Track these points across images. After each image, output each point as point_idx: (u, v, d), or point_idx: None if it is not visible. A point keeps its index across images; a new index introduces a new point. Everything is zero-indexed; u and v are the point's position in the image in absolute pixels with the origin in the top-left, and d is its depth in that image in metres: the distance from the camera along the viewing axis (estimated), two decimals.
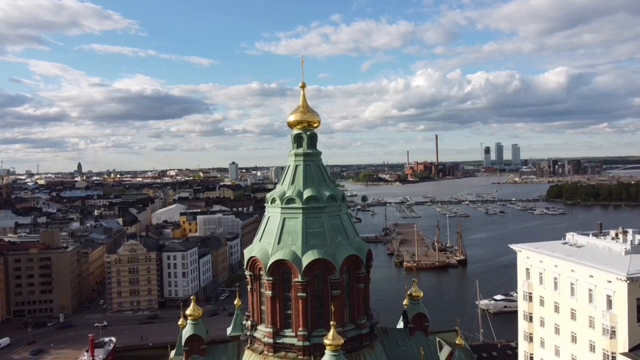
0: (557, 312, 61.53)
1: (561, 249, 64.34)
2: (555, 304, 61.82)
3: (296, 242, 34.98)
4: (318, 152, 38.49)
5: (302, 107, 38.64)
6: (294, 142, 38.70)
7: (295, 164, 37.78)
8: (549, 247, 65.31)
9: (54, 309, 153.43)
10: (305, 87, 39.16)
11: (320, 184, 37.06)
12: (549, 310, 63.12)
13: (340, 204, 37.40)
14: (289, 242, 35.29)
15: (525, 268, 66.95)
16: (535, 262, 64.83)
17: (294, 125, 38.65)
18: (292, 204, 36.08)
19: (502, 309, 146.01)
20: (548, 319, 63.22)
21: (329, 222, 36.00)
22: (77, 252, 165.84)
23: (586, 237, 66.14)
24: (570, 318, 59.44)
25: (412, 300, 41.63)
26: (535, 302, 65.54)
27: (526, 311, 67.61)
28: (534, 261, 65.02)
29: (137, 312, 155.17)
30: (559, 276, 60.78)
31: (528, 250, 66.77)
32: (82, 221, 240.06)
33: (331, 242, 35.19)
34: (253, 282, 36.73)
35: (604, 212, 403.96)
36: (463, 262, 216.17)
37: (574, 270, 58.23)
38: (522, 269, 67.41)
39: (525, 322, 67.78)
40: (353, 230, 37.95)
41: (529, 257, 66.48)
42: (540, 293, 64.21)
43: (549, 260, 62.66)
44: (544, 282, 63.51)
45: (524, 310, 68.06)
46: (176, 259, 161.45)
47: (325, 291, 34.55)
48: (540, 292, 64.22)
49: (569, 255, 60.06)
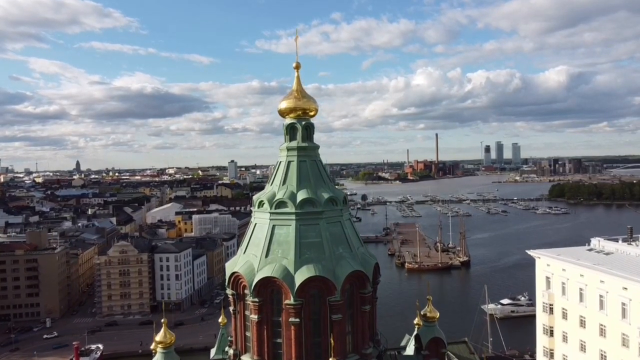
0: (583, 327, 55.27)
1: (587, 256, 58.00)
2: (581, 318, 55.54)
3: (288, 255, 28.60)
4: (315, 146, 32.04)
5: (296, 91, 32.17)
6: (286, 134, 32.19)
7: (288, 160, 31.32)
8: (572, 254, 58.99)
9: (40, 313, 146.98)
10: (299, 68, 32.69)
11: (317, 184, 30.63)
12: (573, 324, 56.84)
13: (342, 207, 30.99)
14: (280, 255, 28.90)
15: (545, 277, 60.60)
16: (556, 271, 58.49)
17: (286, 113, 32.19)
18: (283, 208, 29.65)
19: (509, 314, 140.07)
20: (572, 334, 56.95)
21: (327, 230, 29.55)
22: (66, 253, 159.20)
23: (615, 243, 59.93)
24: (599, 334, 53.20)
25: (426, 322, 35.05)
26: (556, 315, 59.23)
27: (546, 324, 61.24)
28: (556, 269, 58.66)
29: (128, 316, 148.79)
30: (585, 287, 54.47)
31: (548, 257, 60.36)
32: (74, 220, 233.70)
33: (331, 255, 28.80)
34: (236, 303, 30.32)
35: (607, 211, 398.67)
36: (466, 264, 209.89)
37: (603, 281, 51.93)
38: (542, 277, 61.07)
39: (544, 337, 61.42)
40: (357, 239, 31.48)
41: (549, 265, 60.11)
42: (562, 305, 57.91)
43: (573, 269, 56.34)
44: (567, 293, 57.24)
45: (544, 324, 61.70)
46: (169, 260, 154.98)
47: (324, 315, 28.17)
48: (562, 303, 57.92)
49: (597, 264, 53.75)
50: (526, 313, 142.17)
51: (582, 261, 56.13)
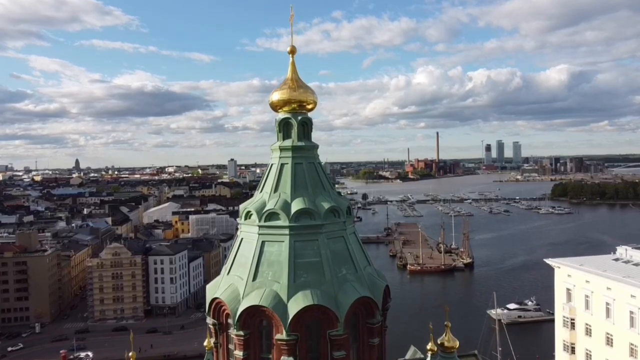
0: (610, 346, 50.30)
1: (613, 266, 52.93)
2: (608, 335, 50.54)
3: (280, 279, 23.18)
4: (313, 145, 26.45)
5: (290, 80, 26.61)
6: (279, 131, 26.53)
7: (281, 163, 25.68)
8: (597, 264, 53.90)
9: (30, 318, 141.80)
10: (295, 53, 27.40)
11: (316, 192, 25.19)
12: (598, 342, 51.85)
13: (345, 219, 25.70)
14: (270, 277, 23.48)
15: (565, 288, 55.52)
16: (579, 282, 53.42)
17: (279, 106, 26.59)
18: (274, 220, 24.17)
19: (516, 319, 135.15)
20: (597, 353, 52.00)
21: (328, 247, 24.11)
22: (57, 255, 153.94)
23: None
24: (629, 355, 48.21)
25: (443, 352, 29.89)
26: (579, 331, 54.19)
27: (567, 341, 56.16)
28: (578, 281, 53.59)
29: (121, 320, 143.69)
30: (613, 302, 49.45)
31: (569, 267, 55.19)
32: (69, 221, 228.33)
33: (332, 278, 23.42)
34: (218, 334, 25.02)
35: (611, 211, 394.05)
36: (470, 265, 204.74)
37: (634, 296, 46.87)
38: (562, 289, 55.96)
39: (565, 354, 56.35)
40: (364, 257, 26.07)
41: (570, 276, 54.99)
42: (586, 320, 52.87)
43: (598, 282, 51.30)
44: (592, 307, 52.22)
45: (564, 340, 56.60)
46: (163, 263, 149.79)
47: (323, 353, 22.81)
48: (586, 319, 52.88)
49: (626, 276, 48.64)
50: (533, 318, 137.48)
51: (610, 272, 51.11)
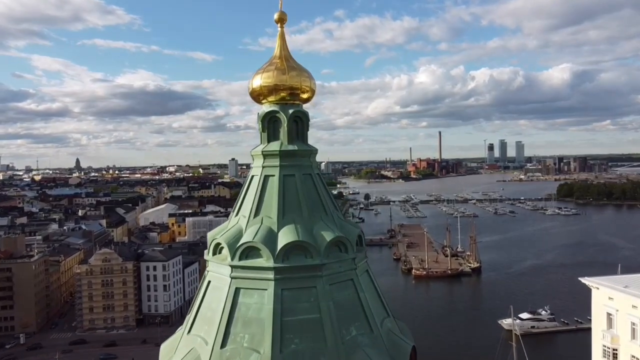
0: None
1: None
2: None
3: (260, 346, 14.59)
4: (310, 150, 17.32)
5: (278, 59, 17.71)
6: (262, 130, 18.03)
7: (264, 175, 17.04)
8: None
9: (15, 328, 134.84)
10: (284, 22, 18.92)
11: (314, 216, 16.33)
12: None
13: (355, 255, 17.60)
14: (246, 344, 14.99)
15: (605, 312, 48.18)
16: (624, 307, 46.08)
17: (262, 95, 17.58)
18: (254, 258, 15.41)
19: (529, 330, 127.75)
20: None
21: (331, 297, 15.44)
22: (44, 260, 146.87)
23: None
24: None
25: None
26: None
27: None
28: (623, 305, 46.26)
29: (112, 330, 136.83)
30: None
31: (611, 289, 47.76)
32: (61, 223, 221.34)
33: (336, 344, 14.99)
34: None
35: (619, 212, 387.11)
36: (477, 270, 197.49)
37: None
38: (601, 313, 48.62)
39: None
40: (382, 306, 17.66)
41: (612, 299, 47.66)
42: (632, 352, 45.52)
43: None
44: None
45: None
46: (156, 269, 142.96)
47: None
48: (633, 350, 45.51)
49: None
50: (548, 329, 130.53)
51: None
